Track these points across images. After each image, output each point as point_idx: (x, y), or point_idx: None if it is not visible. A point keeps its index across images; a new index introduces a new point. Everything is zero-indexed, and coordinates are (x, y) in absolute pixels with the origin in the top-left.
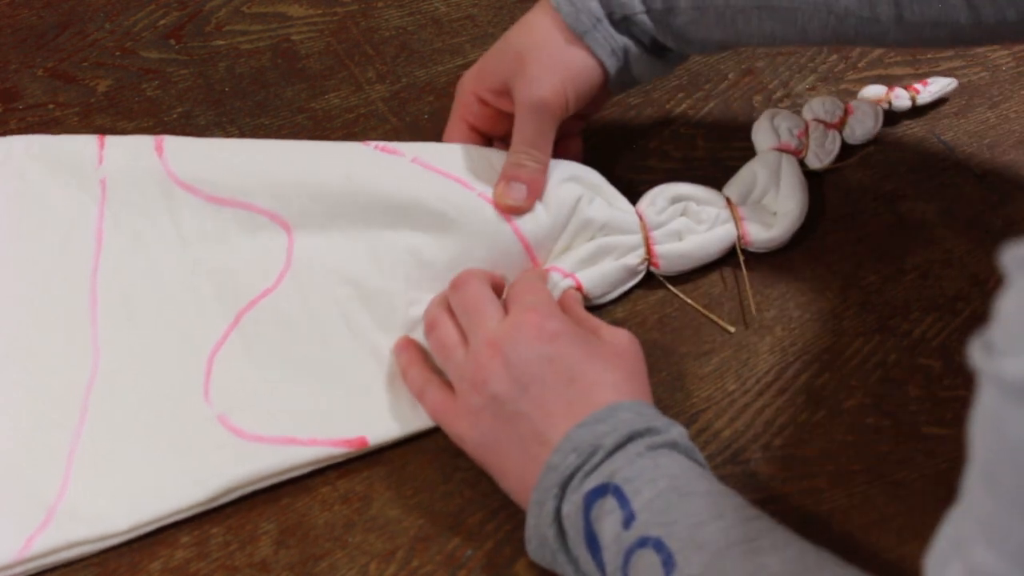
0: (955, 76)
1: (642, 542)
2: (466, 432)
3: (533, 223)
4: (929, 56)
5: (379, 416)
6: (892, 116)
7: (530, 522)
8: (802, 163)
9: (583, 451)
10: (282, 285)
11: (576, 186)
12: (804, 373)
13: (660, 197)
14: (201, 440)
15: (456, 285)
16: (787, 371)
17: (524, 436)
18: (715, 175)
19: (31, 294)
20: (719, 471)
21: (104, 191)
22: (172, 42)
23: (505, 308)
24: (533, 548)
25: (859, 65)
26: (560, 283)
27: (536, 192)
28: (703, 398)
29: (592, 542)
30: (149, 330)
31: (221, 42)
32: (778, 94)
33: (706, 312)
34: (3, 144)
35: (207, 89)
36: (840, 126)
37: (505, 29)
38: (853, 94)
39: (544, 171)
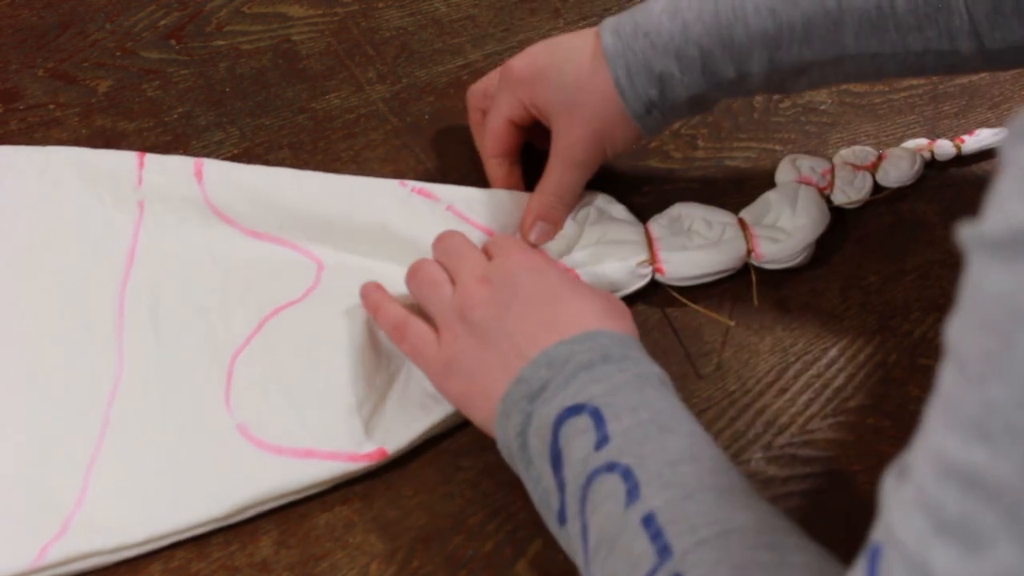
0: (955, 76)
1: (610, 467)
2: (448, 360)
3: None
4: None
5: (395, 425)
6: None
7: (498, 434)
8: (829, 200)
9: (555, 365)
10: (308, 298)
11: (585, 207)
12: (804, 373)
13: (669, 213)
14: (221, 451)
15: (439, 239)
16: (787, 371)
17: (506, 355)
18: (715, 175)
19: (59, 305)
20: None
21: (142, 213)
22: (173, 42)
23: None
24: (505, 458)
25: None
26: None
27: (559, 229)
28: (703, 398)
29: (556, 459)
30: (174, 341)
31: (222, 42)
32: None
33: (706, 311)
34: (42, 154)
35: (208, 89)
36: (873, 168)
37: (505, 29)
38: (854, 94)
39: (568, 213)
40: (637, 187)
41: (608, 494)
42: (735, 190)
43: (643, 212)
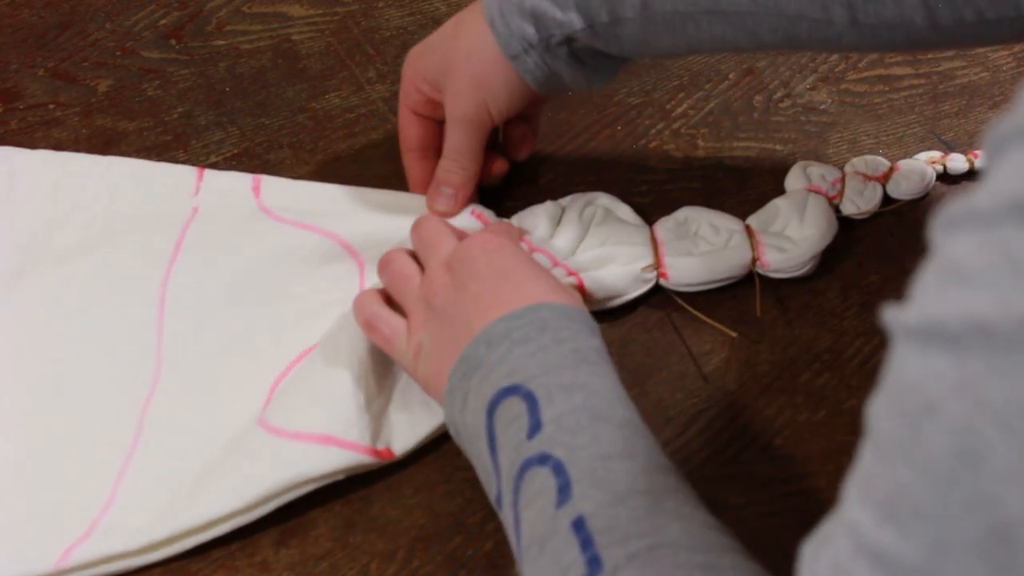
0: (956, 76)
1: (542, 459)
2: (416, 350)
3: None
4: (930, 56)
5: (401, 425)
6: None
7: (445, 411)
8: (837, 209)
9: (493, 343)
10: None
11: (591, 206)
12: (804, 373)
13: (675, 217)
14: (244, 447)
15: (415, 225)
16: (787, 371)
17: (459, 335)
18: (715, 175)
19: (101, 305)
20: (719, 471)
21: (194, 215)
22: (173, 42)
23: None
24: (452, 436)
25: (860, 65)
26: (563, 279)
27: (464, 199)
28: (703, 398)
29: (492, 441)
30: (215, 350)
31: (222, 42)
32: (779, 94)
33: (710, 320)
34: (103, 162)
35: (208, 89)
36: (884, 179)
37: None
38: (854, 94)
39: (474, 178)
40: (637, 187)
41: (540, 490)
42: (735, 190)
43: (644, 212)
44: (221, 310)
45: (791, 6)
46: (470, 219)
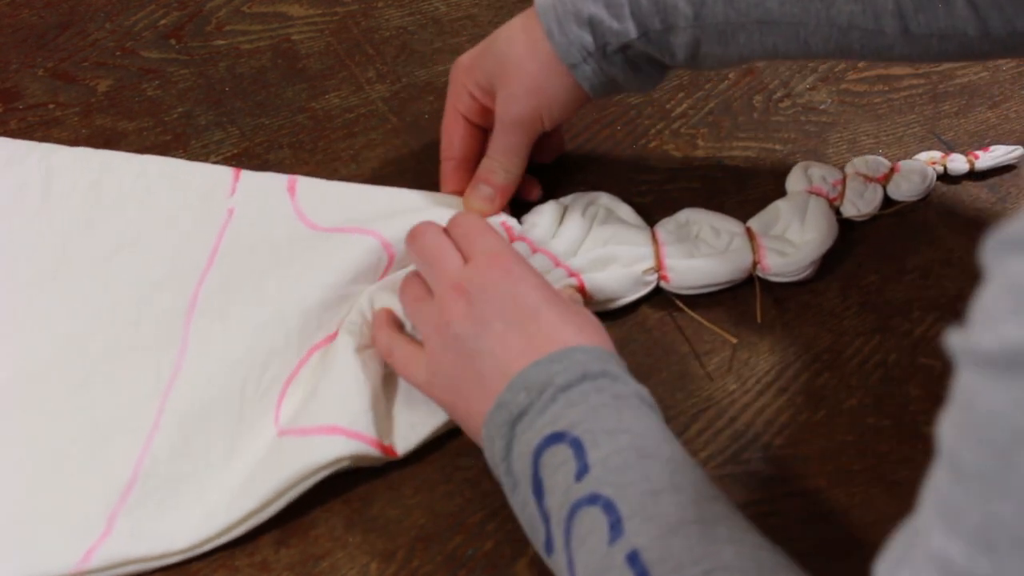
0: (955, 76)
1: (592, 499)
2: (431, 376)
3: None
4: None
5: (402, 426)
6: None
7: (486, 456)
8: (838, 211)
9: (533, 389)
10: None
11: (592, 206)
12: (804, 373)
13: (676, 219)
14: (259, 450)
15: (412, 235)
16: (787, 371)
17: (485, 373)
18: (715, 175)
19: (136, 300)
20: (719, 471)
21: (230, 218)
22: (172, 42)
23: (462, 254)
24: (496, 477)
25: (859, 64)
26: (562, 281)
27: (503, 199)
28: (703, 398)
29: (538, 488)
30: (239, 337)
31: (221, 42)
32: (778, 94)
33: (710, 325)
34: (139, 161)
35: (207, 89)
36: (884, 181)
37: None
38: (854, 94)
39: (516, 181)
40: (637, 187)
41: (591, 528)
42: (735, 190)
43: (644, 212)
44: (248, 303)
45: (842, 16)
46: (498, 229)
